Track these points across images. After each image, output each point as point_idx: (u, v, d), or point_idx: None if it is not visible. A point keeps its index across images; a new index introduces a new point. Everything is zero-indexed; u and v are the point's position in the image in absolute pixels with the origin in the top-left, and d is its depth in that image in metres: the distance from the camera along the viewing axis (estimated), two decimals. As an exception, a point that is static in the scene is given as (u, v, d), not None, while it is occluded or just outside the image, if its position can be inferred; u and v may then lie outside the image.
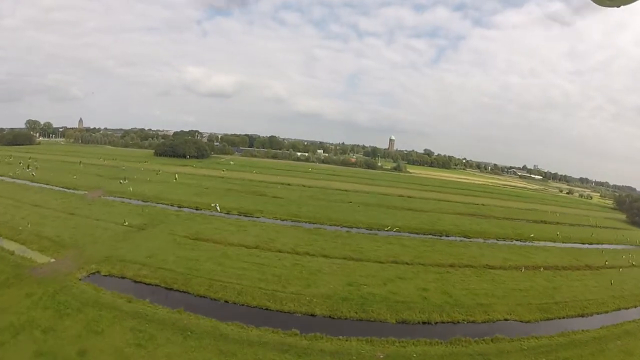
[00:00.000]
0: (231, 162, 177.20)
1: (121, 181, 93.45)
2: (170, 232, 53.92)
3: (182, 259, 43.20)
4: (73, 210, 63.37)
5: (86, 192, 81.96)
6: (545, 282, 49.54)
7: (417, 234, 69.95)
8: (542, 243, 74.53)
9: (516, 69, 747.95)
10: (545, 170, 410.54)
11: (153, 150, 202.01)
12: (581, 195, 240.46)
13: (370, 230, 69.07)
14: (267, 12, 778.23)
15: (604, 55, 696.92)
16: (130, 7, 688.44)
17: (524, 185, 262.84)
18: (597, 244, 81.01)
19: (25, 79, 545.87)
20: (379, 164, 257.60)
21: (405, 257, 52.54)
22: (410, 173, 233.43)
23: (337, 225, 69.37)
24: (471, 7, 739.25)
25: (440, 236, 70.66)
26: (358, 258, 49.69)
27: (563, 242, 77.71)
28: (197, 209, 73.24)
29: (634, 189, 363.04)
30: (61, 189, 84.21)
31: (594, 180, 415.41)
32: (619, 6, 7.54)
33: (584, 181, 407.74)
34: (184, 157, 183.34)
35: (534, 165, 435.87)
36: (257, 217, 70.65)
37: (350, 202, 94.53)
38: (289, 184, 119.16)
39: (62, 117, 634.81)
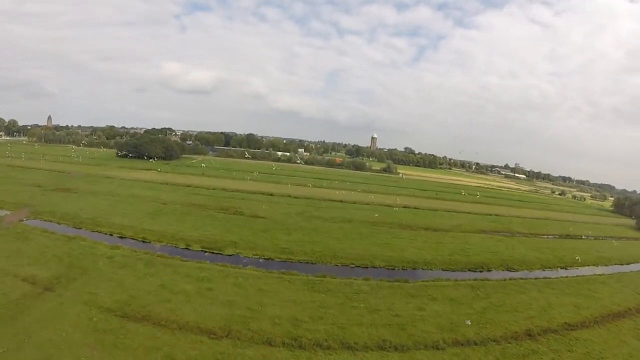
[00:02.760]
0: (203, 165, 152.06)
1: None
2: (88, 300, 31.89)
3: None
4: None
5: (8, 212, 60.23)
6: (637, 341, 37.36)
7: (453, 270, 52.36)
8: (587, 269, 63.07)
9: (495, 70, 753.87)
10: (528, 169, 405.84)
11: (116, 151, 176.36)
12: (574, 197, 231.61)
13: (392, 269, 49.93)
14: (248, 7, 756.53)
15: (583, 57, 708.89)
16: (107, 0, 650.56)
17: (517, 187, 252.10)
18: (635, 262, 71.97)
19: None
20: (367, 165, 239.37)
21: (468, 329, 33.38)
22: (400, 174, 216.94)
23: (347, 265, 49.56)
24: (453, 7, 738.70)
25: (482, 271, 54.35)
26: (401, 344, 29.45)
27: (605, 265, 67.72)
28: (143, 242, 51.24)
29: (613, 187, 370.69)
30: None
31: (575, 178, 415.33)
32: None
33: (566, 180, 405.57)
34: (150, 158, 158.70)
35: (516, 164, 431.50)
36: (230, 255, 48.72)
37: (351, 221, 74.47)
38: (271, 194, 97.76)
39: (36, 114, 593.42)
